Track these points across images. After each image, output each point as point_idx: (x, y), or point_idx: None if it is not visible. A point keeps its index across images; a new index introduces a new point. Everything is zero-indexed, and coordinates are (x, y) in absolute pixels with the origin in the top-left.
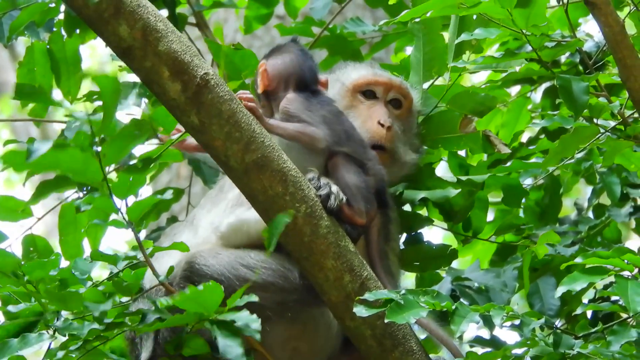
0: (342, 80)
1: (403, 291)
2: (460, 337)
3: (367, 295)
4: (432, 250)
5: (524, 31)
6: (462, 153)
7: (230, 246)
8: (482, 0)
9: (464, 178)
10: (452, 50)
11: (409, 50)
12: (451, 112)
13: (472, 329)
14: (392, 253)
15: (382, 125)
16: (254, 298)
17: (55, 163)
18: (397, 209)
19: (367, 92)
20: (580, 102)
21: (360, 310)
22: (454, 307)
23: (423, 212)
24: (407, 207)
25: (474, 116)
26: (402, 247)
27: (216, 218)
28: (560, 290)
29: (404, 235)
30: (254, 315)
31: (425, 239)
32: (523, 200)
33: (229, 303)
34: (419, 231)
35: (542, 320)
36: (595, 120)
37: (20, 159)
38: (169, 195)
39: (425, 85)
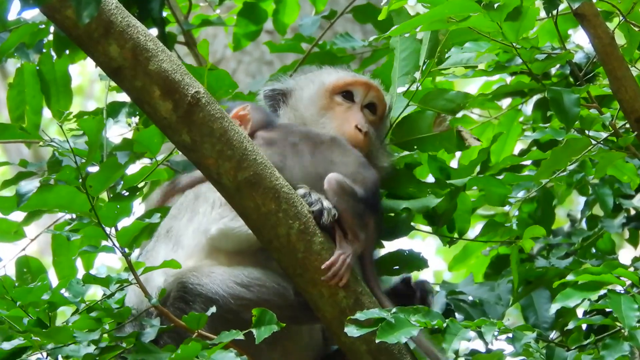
0: (320, 80)
1: (394, 310)
2: (456, 354)
3: (358, 315)
4: (405, 255)
5: (514, 44)
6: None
7: (221, 251)
8: (471, 14)
9: (446, 186)
10: (424, 54)
11: None
12: (423, 112)
13: (466, 342)
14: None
15: (360, 130)
16: (276, 328)
17: (43, 202)
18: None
19: (345, 93)
20: (571, 114)
21: (352, 330)
22: (445, 324)
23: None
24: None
25: (447, 114)
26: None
27: (202, 225)
28: (554, 307)
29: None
30: (242, 357)
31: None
32: (512, 210)
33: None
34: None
35: (534, 334)
36: (586, 132)
37: (10, 204)
38: (156, 218)
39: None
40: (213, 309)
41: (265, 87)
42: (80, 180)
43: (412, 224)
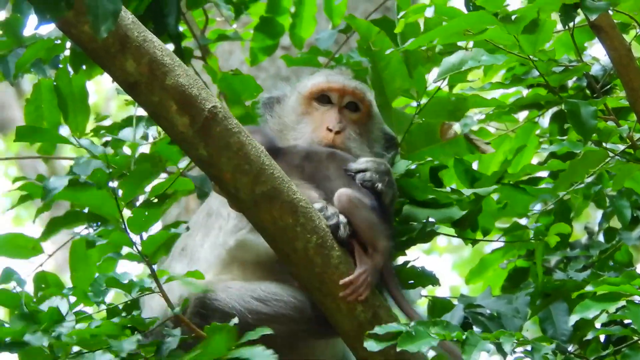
0: (298, 88)
1: (412, 323)
2: None
3: (377, 329)
4: (418, 271)
5: (531, 56)
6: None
7: (237, 265)
8: (488, 27)
9: (469, 191)
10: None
11: None
12: (428, 123)
13: (485, 356)
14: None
15: (330, 130)
16: (268, 331)
17: (74, 197)
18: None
19: (321, 98)
20: (588, 126)
21: (371, 345)
22: (464, 336)
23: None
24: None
25: (452, 122)
26: None
27: (219, 238)
28: (574, 318)
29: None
30: (269, 351)
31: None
32: (530, 223)
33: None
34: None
35: (553, 346)
36: (604, 144)
37: (37, 190)
38: (182, 229)
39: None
40: (235, 320)
41: (263, 95)
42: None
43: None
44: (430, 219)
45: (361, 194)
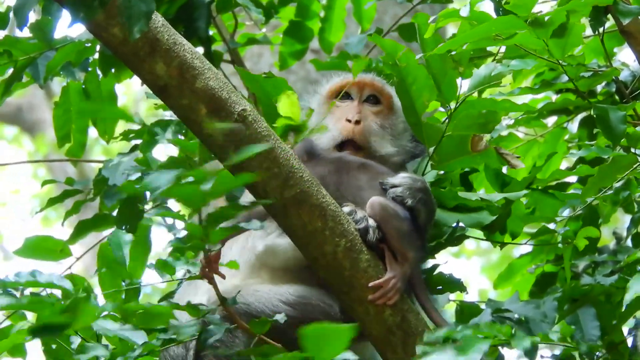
0: (318, 92)
1: (459, 327)
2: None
3: (429, 337)
4: (446, 278)
5: (560, 61)
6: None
7: (266, 269)
8: (517, 32)
9: (499, 196)
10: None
11: None
12: (458, 135)
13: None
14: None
15: (349, 121)
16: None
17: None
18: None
19: (341, 95)
20: (617, 131)
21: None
22: (513, 331)
23: None
24: None
25: (483, 133)
26: None
27: (248, 242)
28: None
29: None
30: None
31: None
32: (558, 228)
33: None
34: None
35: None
36: (632, 149)
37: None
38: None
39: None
40: (281, 316)
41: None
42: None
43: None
44: (460, 224)
45: (394, 204)
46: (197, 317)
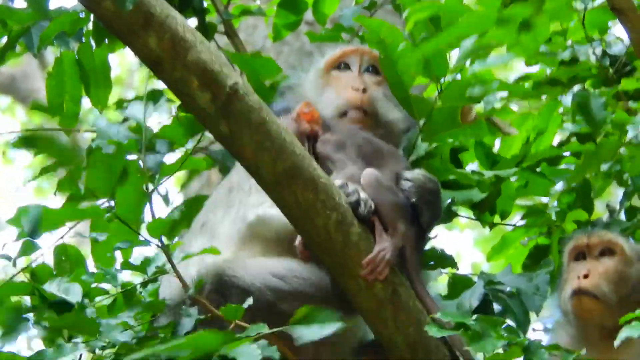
0: (316, 63)
1: (475, 317)
2: None
3: (441, 316)
4: (438, 253)
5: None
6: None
7: (257, 241)
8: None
9: (490, 173)
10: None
11: None
12: (447, 107)
13: None
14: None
15: (357, 90)
16: (264, 329)
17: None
18: None
19: (340, 66)
20: (598, 118)
21: (433, 331)
22: (527, 343)
23: None
24: None
25: (472, 104)
26: None
27: (240, 212)
28: (621, 337)
29: None
30: (257, 350)
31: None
32: (551, 202)
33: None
34: None
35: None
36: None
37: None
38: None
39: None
40: (250, 301)
41: (283, 84)
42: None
43: (453, 208)
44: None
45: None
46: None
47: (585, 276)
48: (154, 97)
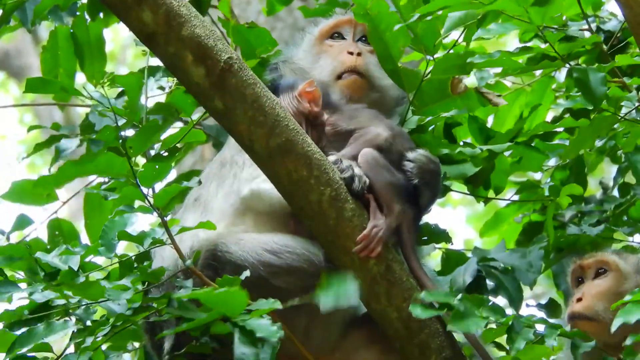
0: (309, 33)
1: (459, 296)
2: None
3: (424, 296)
4: (432, 228)
5: (540, 27)
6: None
7: (251, 216)
8: None
9: (483, 148)
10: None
11: None
12: (438, 79)
13: None
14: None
15: (352, 53)
16: (277, 305)
17: (81, 171)
18: None
19: (334, 35)
20: (598, 93)
21: (417, 311)
22: (511, 322)
23: None
24: None
25: (462, 75)
26: None
27: (234, 186)
28: (617, 323)
29: None
30: (275, 326)
31: None
32: (544, 178)
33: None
34: None
35: (593, 342)
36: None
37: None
38: (194, 182)
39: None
40: (247, 273)
41: (274, 61)
42: (121, 141)
43: (446, 183)
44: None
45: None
46: (156, 282)
47: (579, 300)
48: (149, 73)
